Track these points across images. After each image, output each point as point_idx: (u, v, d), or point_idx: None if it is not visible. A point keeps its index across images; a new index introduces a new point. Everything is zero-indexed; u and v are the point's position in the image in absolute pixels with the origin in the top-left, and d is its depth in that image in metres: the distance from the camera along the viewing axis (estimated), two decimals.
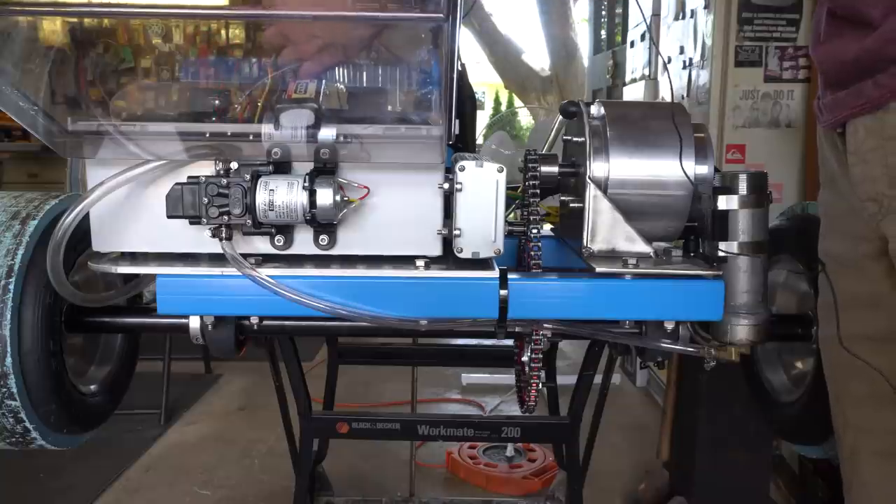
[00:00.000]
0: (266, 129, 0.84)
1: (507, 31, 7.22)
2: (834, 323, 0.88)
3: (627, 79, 3.79)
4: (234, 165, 0.82)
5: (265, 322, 0.95)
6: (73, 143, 0.87)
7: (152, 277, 0.89)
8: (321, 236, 0.87)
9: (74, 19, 0.84)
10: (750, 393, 1.20)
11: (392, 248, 0.89)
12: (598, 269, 0.88)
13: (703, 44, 2.62)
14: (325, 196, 0.80)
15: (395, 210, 0.87)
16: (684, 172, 0.87)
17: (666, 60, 2.79)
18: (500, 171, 0.87)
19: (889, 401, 0.83)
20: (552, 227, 1.17)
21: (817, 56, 0.87)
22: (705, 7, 2.62)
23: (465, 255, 0.88)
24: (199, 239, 0.86)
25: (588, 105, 0.94)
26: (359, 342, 1.75)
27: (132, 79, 0.89)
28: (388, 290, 0.87)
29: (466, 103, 1.31)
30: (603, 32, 5.03)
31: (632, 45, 3.70)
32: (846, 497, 0.89)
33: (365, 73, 0.91)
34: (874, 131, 0.77)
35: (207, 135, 0.84)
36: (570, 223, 0.99)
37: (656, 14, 3.31)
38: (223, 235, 0.82)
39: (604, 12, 4.90)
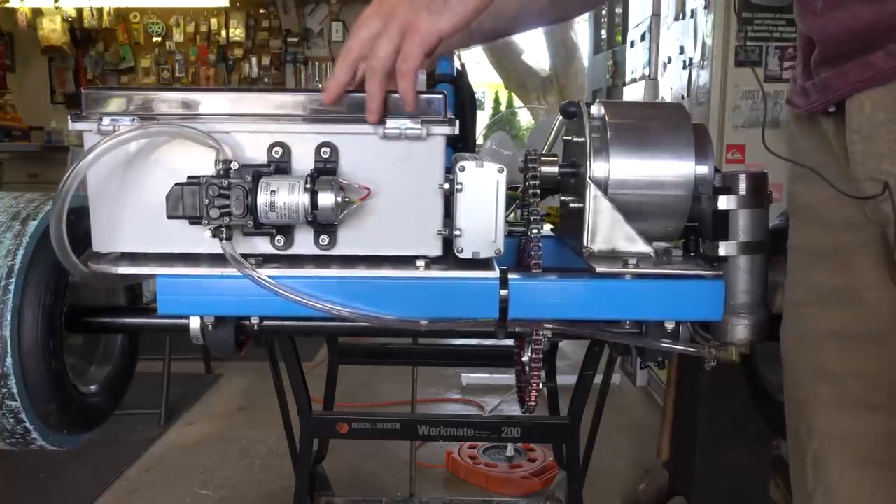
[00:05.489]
0: (266, 126, 0.85)
1: None
2: (803, 322, 0.84)
3: (627, 79, 3.79)
4: (234, 165, 0.82)
5: (265, 322, 0.95)
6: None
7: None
8: (321, 236, 0.87)
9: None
10: (750, 393, 1.20)
11: (392, 248, 0.89)
12: (599, 270, 0.88)
13: (703, 44, 2.62)
14: (326, 197, 0.80)
15: (396, 210, 0.87)
16: None
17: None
18: (501, 171, 0.87)
19: (857, 405, 0.78)
20: (552, 227, 1.17)
21: (816, 28, 0.79)
22: (705, 7, 2.62)
23: (466, 255, 0.88)
24: (199, 239, 0.86)
25: (588, 105, 0.94)
26: (359, 342, 1.75)
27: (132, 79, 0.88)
28: (388, 290, 0.87)
29: (466, 103, 1.31)
30: (603, 32, 5.03)
31: (632, 45, 3.71)
32: None
33: None
34: (885, 105, 0.71)
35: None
36: (570, 223, 0.99)
37: (656, 14, 3.31)
38: (223, 236, 0.82)
39: (604, 12, 4.90)
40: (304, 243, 0.87)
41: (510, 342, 1.18)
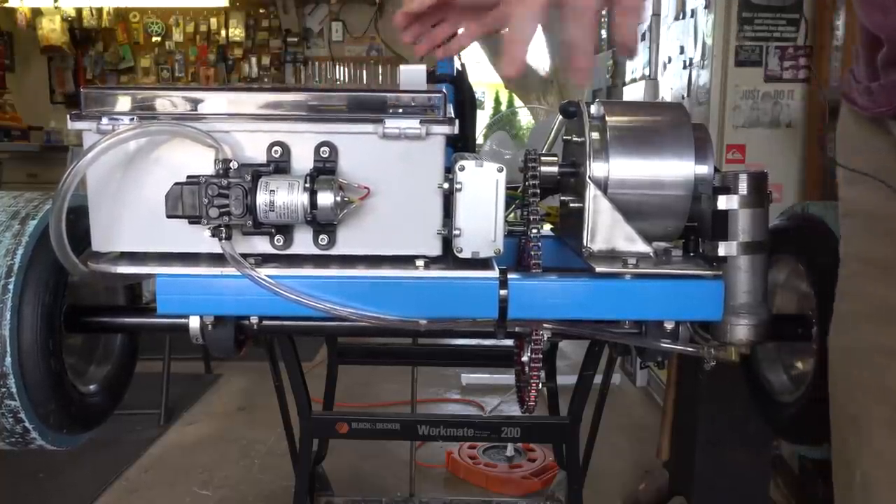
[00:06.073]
0: (266, 125, 0.85)
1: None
2: (857, 335, 0.80)
3: (627, 79, 3.79)
4: (233, 165, 0.82)
5: (265, 322, 0.95)
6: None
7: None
8: (321, 236, 0.87)
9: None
10: (749, 393, 1.20)
11: (392, 247, 0.89)
12: (598, 269, 0.87)
13: (703, 44, 2.62)
14: (325, 197, 0.80)
15: (395, 210, 0.87)
16: None
17: None
18: (500, 170, 0.87)
19: None
20: (552, 226, 1.17)
21: (885, 26, 0.73)
22: (705, 7, 2.62)
23: (465, 254, 0.88)
24: (199, 239, 0.86)
25: (588, 105, 0.94)
26: (359, 342, 1.75)
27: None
28: (387, 289, 0.87)
29: (466, 103, 1.31)
30: (603, 32, 5.02)
31: None
32: None
33: (365, 71, 0.91)
34: None
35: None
36: (570, 223, 0.99)
37: (656, 14, 3.32)
38: (223, 235, 0.82)
39: (604, 12, 4.89)
40: (304, 243, 0.87)
41: (510, 342, 1.18)
